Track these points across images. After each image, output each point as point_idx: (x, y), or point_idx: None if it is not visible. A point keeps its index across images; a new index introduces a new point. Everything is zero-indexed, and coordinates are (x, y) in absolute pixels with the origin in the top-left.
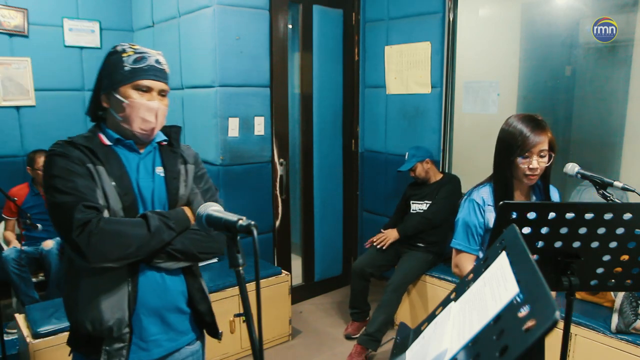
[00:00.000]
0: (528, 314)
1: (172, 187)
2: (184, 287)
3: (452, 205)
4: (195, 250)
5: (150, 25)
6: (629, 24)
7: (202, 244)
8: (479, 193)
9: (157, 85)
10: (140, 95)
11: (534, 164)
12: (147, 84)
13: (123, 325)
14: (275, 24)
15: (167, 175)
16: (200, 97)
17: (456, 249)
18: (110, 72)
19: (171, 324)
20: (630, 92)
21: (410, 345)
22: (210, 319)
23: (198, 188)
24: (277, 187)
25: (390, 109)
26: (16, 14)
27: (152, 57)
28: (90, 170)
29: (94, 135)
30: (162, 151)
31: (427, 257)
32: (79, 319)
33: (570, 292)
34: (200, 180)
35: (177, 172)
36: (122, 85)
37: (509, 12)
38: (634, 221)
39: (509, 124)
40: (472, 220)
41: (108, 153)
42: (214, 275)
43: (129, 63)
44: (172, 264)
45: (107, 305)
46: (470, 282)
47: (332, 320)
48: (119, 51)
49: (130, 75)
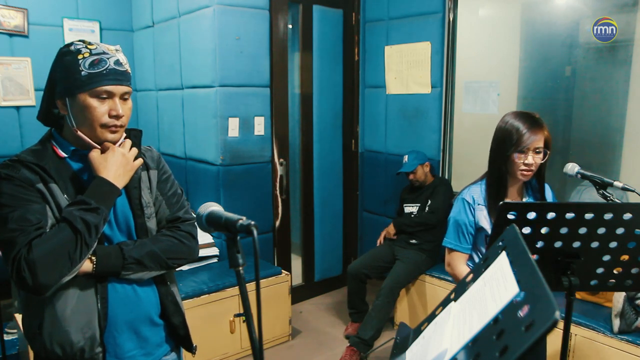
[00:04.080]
0: (528, 314)
1: (134, 196)
2: (156, 298)
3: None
4: (164, 257)
5: (150, 25)
6: (629, 24)
7: (172, 249)
8: (469, 192)
9: (119, 90)
10: (101, 103)
11: (529, 160)
12: (108, 89)
13: (95, 344)
14: (275, 24)
15: (128, 184)
16: (200, 97)
17: (448, 247)
18: (65, 76)
19: (146, 337)
20: (630, 92)
21: (410, 345)
22: (184, 332)
23: (163, 194)
24: (277, 187)
25: (390, 109)
26: (16, 14)
27: (111, 57)
28: (41, 190)
29: (45, 148)
30: None
31: (420, 258)
32: (47, 344)
33: (570, 292)
34: (164, 186)
35: (138, 180)
36: (79, 92)
37: (509, 12)
38: (634, 221)
39: (505, 121)
40: (463, 219)
41: (61, 168)
42: (214, 275)
43: (86, 67)
44: (143, 274)
45: (76, 326)
46: (470, 282)
47: (332, 320)
48: (74, 52)
49: (87, 81)
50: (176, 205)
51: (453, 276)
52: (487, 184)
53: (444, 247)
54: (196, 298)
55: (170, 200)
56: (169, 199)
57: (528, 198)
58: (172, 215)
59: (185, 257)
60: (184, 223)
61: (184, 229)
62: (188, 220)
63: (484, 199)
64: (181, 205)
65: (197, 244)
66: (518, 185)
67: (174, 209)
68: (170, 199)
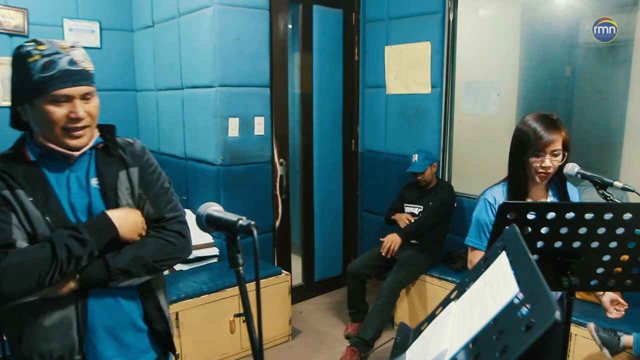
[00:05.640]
0: (528, 314)
1: (110, 199)
2: (138, 303)
3: (446, 209)
4: (152, 260)
5: (150, 25)
6: (629, 24)
7: (160, 251)
8: (492, 192)
9: (78, 91)
10: (59, 107)
11: (546, 163)
12: (64, 93)
13: (74, 352)
14: (275, 24)
15: (102, 187)
16: (200, 97)
17: (470, 246)
18: (19, 81)
19: (128, 343)
20: (630, 92)
21: (410, 345)
22: (168, 338)
23: (147, 194)
24: (277, 187)
25: (390, 109)
26: (16, 14)
27: (64, 57)
28: (6, 197)
29: (16, 152)
30: (97, 157)
31: (420, 258)
32: (25, 353)
33: (570, 292)
34: (150, 181)
35: (115, 182)
36: (34, 98)
37: (509, 12)
38: (634, 221)
39: (524, 122)
40: (484, 218)
41: (30, 173)
42: (214, 275)
43: (37, 71)
44: (132, 281)
45: (55, 334)
46: (470, 282)
47: (332, 320)
48: (24, 54)
49: (40, 86)
50: (162, 203)
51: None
52: (508, 185)
53: (446, 249)
54: (196, 298)
55: (155, 197)
56: (154, 196)
57: (553, 198)
58: (156, 214)
59: (175, 257)
60: (170, 222)
61: (170, 227)
62: (174, 218)
63: (505, 199)
64: (168, 200)
65: (188, 241)
66: (540, 186)
67: (159, 207)
68: (156, 196)
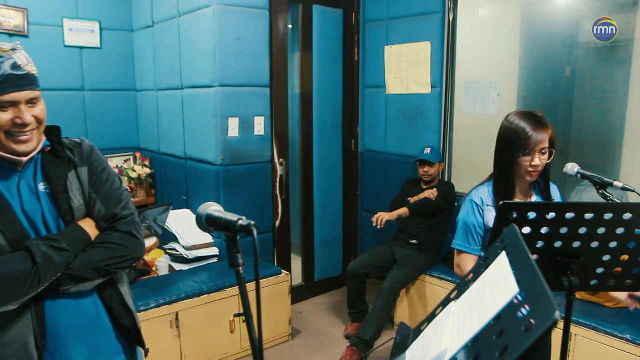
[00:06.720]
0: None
1: (62, 202)
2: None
3: (447, 204)
4: (102, 264)
5: (150, 25)
6: (629, 24)
7: (109, 254)
8: (478, 193)
9: (22, 96)
10: (4, 112)
11: (536, 162)
12: (8, 99)
13: None
14: (275, 24)
15: (52, 190)
16: (200, 97)
17: (457, 249)
18: None
19: (97, 347)
20: (630, 92)
21: (410, 345)
22: (135, 333)
23: (97, 193)
24: (277, 187)
25: (390, 109)
26: (16, 14)
27: (6, 61)
28: None
29: None
30: (44, 161)
31: (420, 258)
32: None
33: (570, 292)
34: (99, 180)
35: (64, 184)
36: None
37: (509, 12)
38: (634, 221)
39: (510, 121)
40: (472, 221)
41: None
42: (214, 275)
43: None
44: (83, 285)
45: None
46: (470, 282)
47: (332, 320)
48: None
49: None
50: (112, 201)
51: (461, 278)
52: (493, 185)
53: (446, 249)
54: (196, 298)
55: (105, 196)
56: (104, 195)
57: (536, 198)
58: (108, 213)
59: (126, 259)
60: (121, 222)
61: (121, 228)
62: (126, 218)
63: (492, 200)
64: (118, 200)
65: (140, 241)
66: (525, 185)
67: (110, 205)
68: (106, 196)
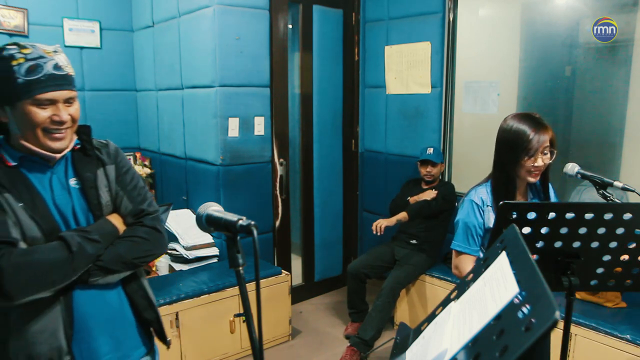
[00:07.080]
0: (528, 314)
1: (92, 197)
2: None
3: (447, 204)
4: (130, 257)
5: (150, 25)
6: (629, 24)
7: (137, 248)
8: (477, 193)
9: (61, 95)
10: (43, 110)
11: (538, 162)
12: (49, 97)
13: (63, 354)
14: (275, 24)
15: (83, 186)
16: (200, 97)
17: (456, 250)
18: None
19: (121, 339)
20: (630, 92)
21: (410, 345)
22: (157, 326)
23: (124, 190)
24: (277, 187)
25: (390, 109)
26: (16, 14)
27: (49, 61)
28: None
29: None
30: (74, 158)
31: (420, 258)
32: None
33: (570, 292)
34: (124, 179)
35: (94, 179)
36: (18, 101)
37: (509, 12)
38: (634, 221)
39: (509, 124)
40: (472, 221)
41: (13, 176)
42: (214, 275)
43: (22, 74)
44: (111, 277)
45: (40, 336)
46: (471, 282)
47: (332, 320)
48: (7, 57)
49: (25, 89)
50: (138, 198)
51: (461, 279)
52: (492, 186)
53: (446, 249)
54: (196, 298)
55: (131, 193)
56: (130, 192)
57: (533, 198)
58: (135, 209)
59: (151, 253)
60: (147, 217)
61: (147, 223)
62: (151, 214)
63: (491, 201)
64: (144, 197)
65: (164, 236)
66: (523, 186)
67: (136, 202)
68: (132, 193)
